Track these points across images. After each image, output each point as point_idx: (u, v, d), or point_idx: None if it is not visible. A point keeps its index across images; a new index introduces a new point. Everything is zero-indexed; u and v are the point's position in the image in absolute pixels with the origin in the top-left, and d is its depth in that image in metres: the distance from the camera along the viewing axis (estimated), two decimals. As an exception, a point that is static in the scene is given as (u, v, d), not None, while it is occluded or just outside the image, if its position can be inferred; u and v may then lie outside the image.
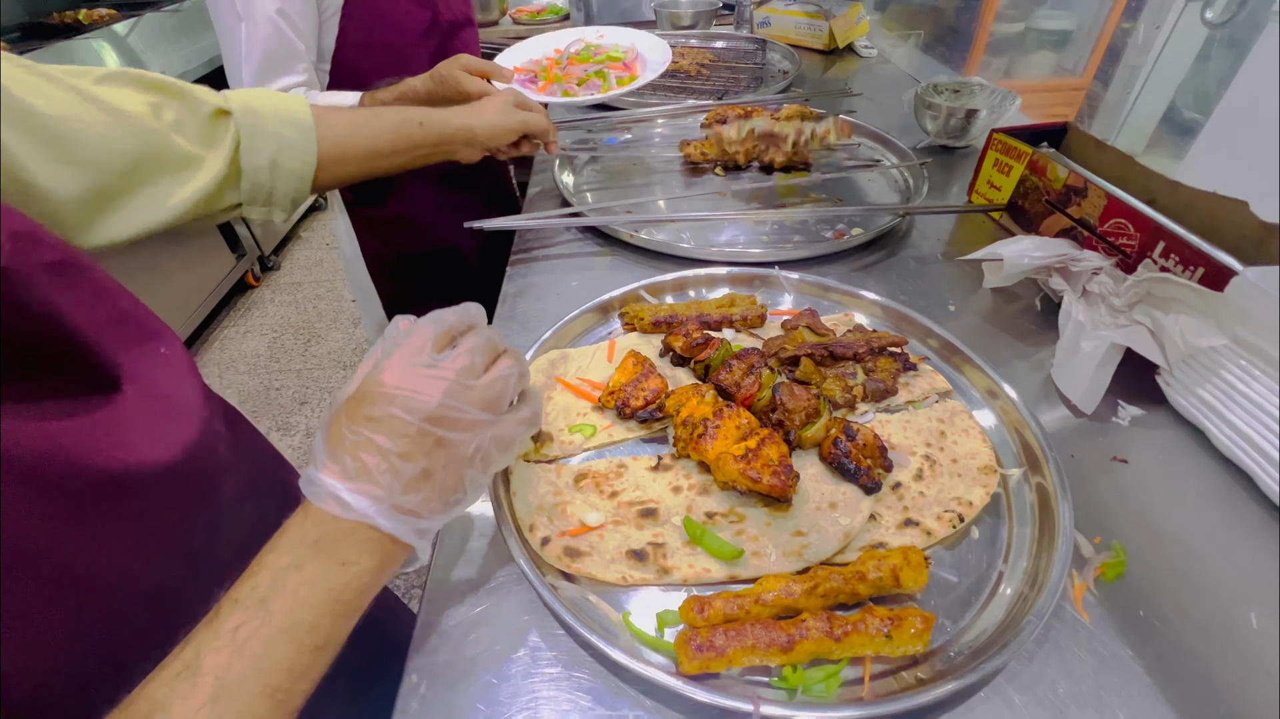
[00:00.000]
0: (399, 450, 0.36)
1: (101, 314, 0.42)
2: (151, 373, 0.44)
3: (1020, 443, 0.60)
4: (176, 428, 0.43)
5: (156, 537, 0.41)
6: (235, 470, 0.50)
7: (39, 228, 0.39)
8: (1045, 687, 0.44)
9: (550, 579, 0.48)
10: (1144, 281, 0.66)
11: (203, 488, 0.45)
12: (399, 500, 0.36)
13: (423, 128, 0.76)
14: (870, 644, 0.44)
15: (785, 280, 0.80)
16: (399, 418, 0.37)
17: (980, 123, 1.18)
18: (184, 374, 0.47)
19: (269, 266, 3.06)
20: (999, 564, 0.52)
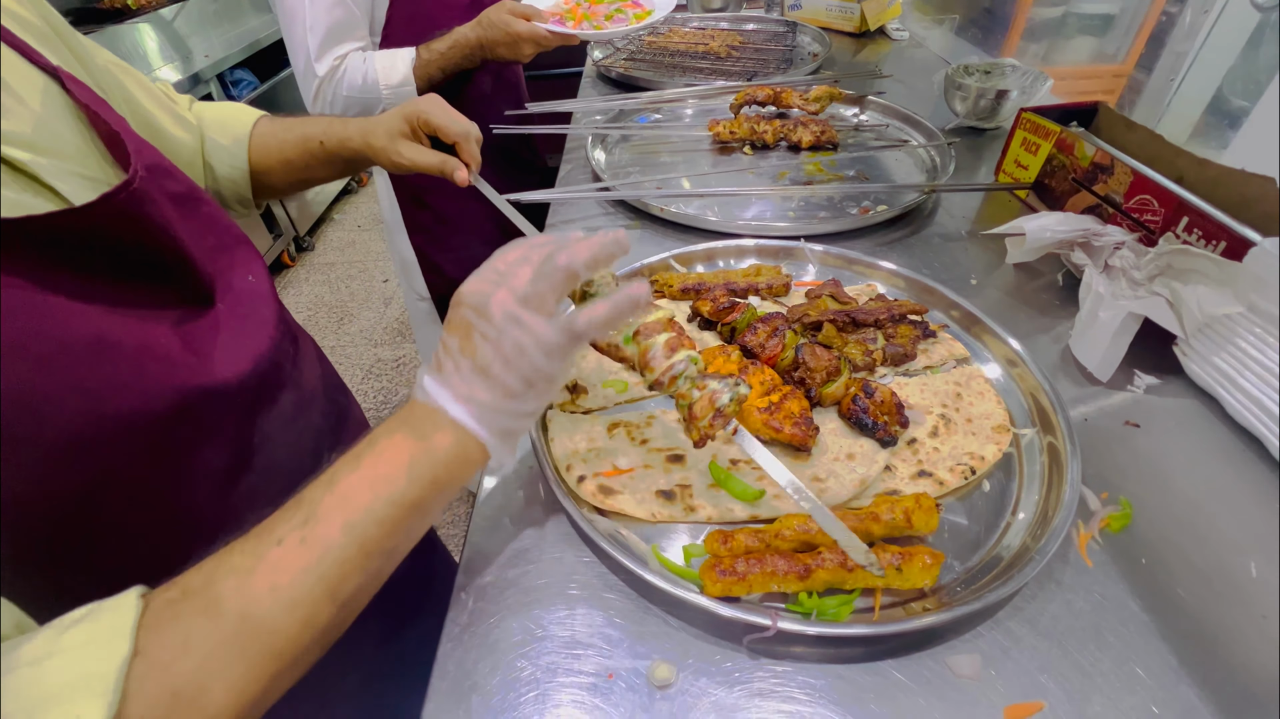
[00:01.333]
0: (456, 345, 0.41)
1: (210, 240, 0.50)
2: (239, 294, 0.52)
3: (1035, 406, 0.63)
4: (250, 345, 0.51)
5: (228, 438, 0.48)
6: (297, 385, 0.57)
7: (171, 165, 0.49)
8: (1047, 621, 0.47)
9: (586, 513, 0.53)
10: (1165, 254, 0.68)
11: (262, 399, 0.52)
12: (460, 389, 0.40)
13: (323, 146, 0.74)
14: (881, 576, 0.47)
15: (810, 252, 0.83)
16: (457, 315, 0.42)
17: (1010, 104, 1.19)
18: (264, 299, 0.56)
19: (304, 247, 3.15)
20: (1007, 515, 0.54)
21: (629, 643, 0.47)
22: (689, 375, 0.50)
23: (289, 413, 0.56)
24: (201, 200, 0.52)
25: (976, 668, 0.44)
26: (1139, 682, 0.44)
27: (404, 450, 0.39)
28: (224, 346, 0.48)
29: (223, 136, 0.71)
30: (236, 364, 0.49)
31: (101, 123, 0.44)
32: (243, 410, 0.50)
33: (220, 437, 0.48)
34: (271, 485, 0.53)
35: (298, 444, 0.58)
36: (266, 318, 0.55)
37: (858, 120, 1.29)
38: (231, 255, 0.54)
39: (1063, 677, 0.44)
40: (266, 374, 0.52)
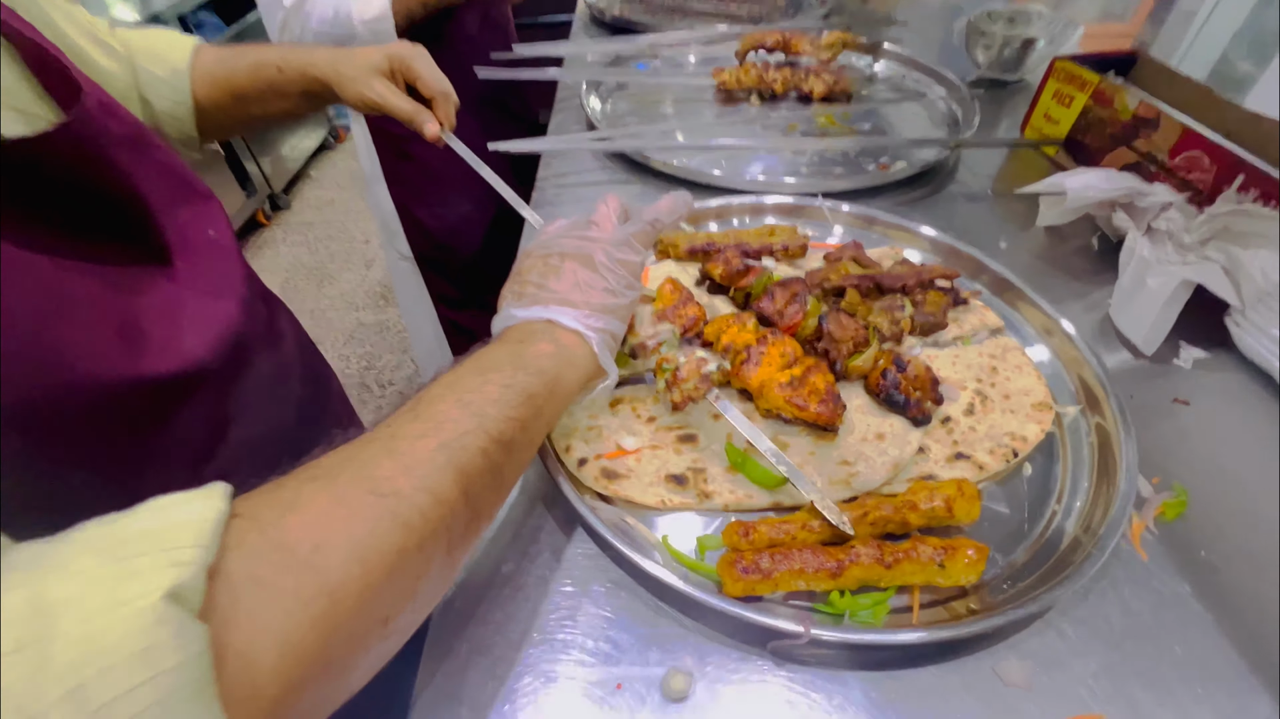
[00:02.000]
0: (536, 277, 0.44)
1: (164, 190, 0.44)
2: (200, 251, 0.46)
3: (1079, 381, 0.57)
4: (219, 309, 0.45)
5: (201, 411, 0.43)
6: (274, 350, 0.52)
7: (116, 104, 0.42)
8: (1100, 621, 0.43)
9: (589, 499, 0.47)
10: (1221, 215, 0.62)
11: (239, 363, 0.47)
12: (554, 297, 0.42)
13: (281, 74, 0.64)
14: (922, 573, 0.42)
15: (829, 211, 0.76)
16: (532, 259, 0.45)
17: (1036, 54, 1.11)
18: (228, 256, 0.49)
19: (280, 206, 3.00)
20: (1052, 502, 0.50)
21: (639, 648, 0.41)
22: (672, 344, 0.52)
23: (267, 381, 0.51)
24: (152, 143, 0.45)
25: (1028, 676, 0.40)
26: (1207, 691, 0.39)
27: (505, 351, 0.39)
28: (189, 312, 0.43)
29: (158, 67, 0.61)
30: (204, 331, 0.43)
31: (33, 49, 0.37)
32: (216, 381, 0.44)
33: (192, 410, 0.43)
34: (251, 461, 0.48)
35: (279, 415, 0.53)
36: (233, 277, 0.49)
37: (872, 70, 1.20)
38: (190, 207, 0.47)
39: (1121, 684, 0.40)
40: (239, 340, 0.46)
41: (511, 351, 0.39)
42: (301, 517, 0.27)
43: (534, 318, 0.41)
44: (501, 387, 0.36)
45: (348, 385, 2.17)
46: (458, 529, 0.33)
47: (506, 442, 0.35)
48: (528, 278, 0.44)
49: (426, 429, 0.33)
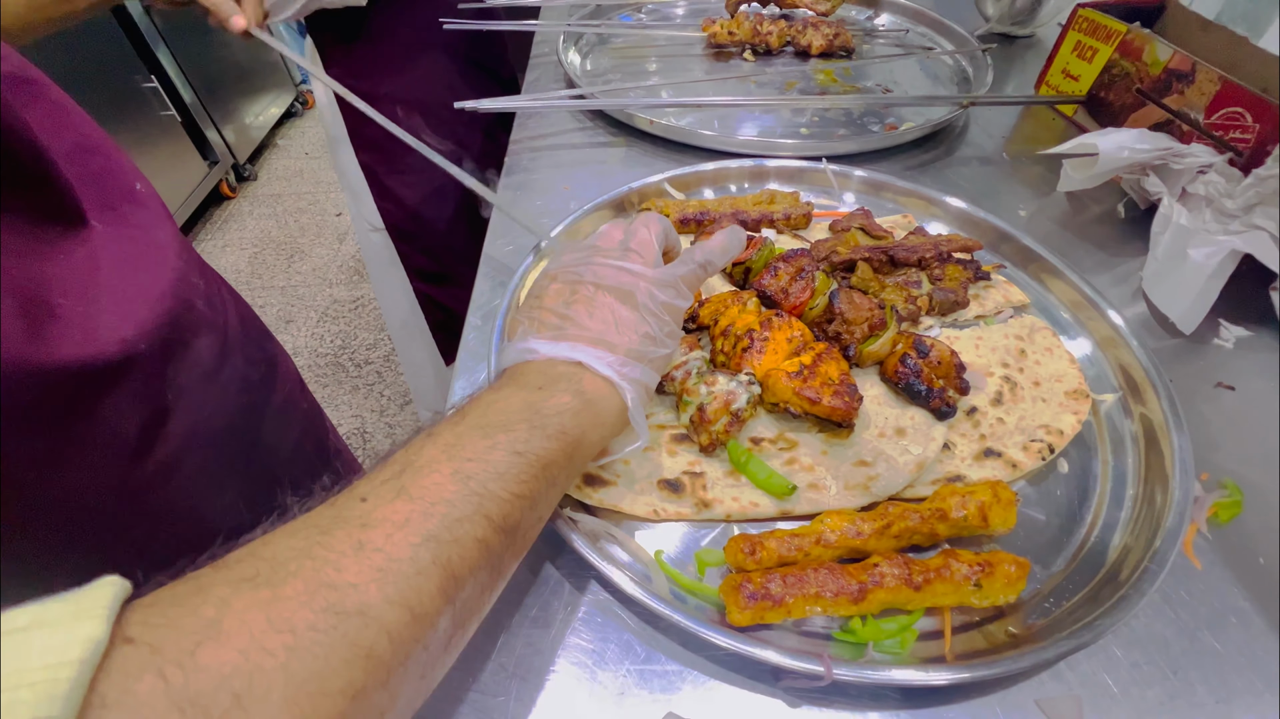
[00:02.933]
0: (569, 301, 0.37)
1: (66, 139, 0.38)
2: (123, 211, 0.40)
3: (1116, 365, 0.51)
4: (149, 279, 0.39)
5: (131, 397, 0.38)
6: (214, 327, 0.45)
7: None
8: (1154, 643, 0.37)
9: (570, 512, 0.40)
10: (1271, 178, 0.55)
11: (175, 342, 0.41)
12: (584, 334, 0.35)
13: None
14: (956, 594, 0.37)
15: (835, 175, 0.69)
16: (559, 284, 0.38)
17: (1051, 4, 1.03)
18: (159, 215, 0.43)
19: (245, 176, 2.85)
20: (1092, 503, 0.44)
21: (629, 687, 0.35)
22: (702, 373, 0.46)
23: (209, 361, 0.45)
24: (39, 83, 0.38)
25: (1078, 712, 0.34)
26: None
27: (519, 401, 0.32)
28: (110, 285, 0.37)
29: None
30: (130, 309, 0.37)
31: None
32: (147, 366, 0.39)
33: (121, 400, 0.38)
34: (196, 452, 0.43)
35: (223, 400, 0.47)
36: (164, 241, 0.42)
37: (873, 24, 1.12)
38: (103, 158, 0.41)
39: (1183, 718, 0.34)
40: (175, 315, 0.40)
41: (527, 403, 0.32)
42: (222, 650, 0.19)
43: (559, 357, 0.35)
44: (511, 453, 0.29)
45: (322, 365, 2.08)
46: (436, 647, 0.26)
47: (511, 527, 0.29)
48: (552, 305, 0.37)
49: (411, 513, 0.26)
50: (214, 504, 0.46)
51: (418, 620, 0.24)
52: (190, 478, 0.43)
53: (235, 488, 0.48)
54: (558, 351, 0.35)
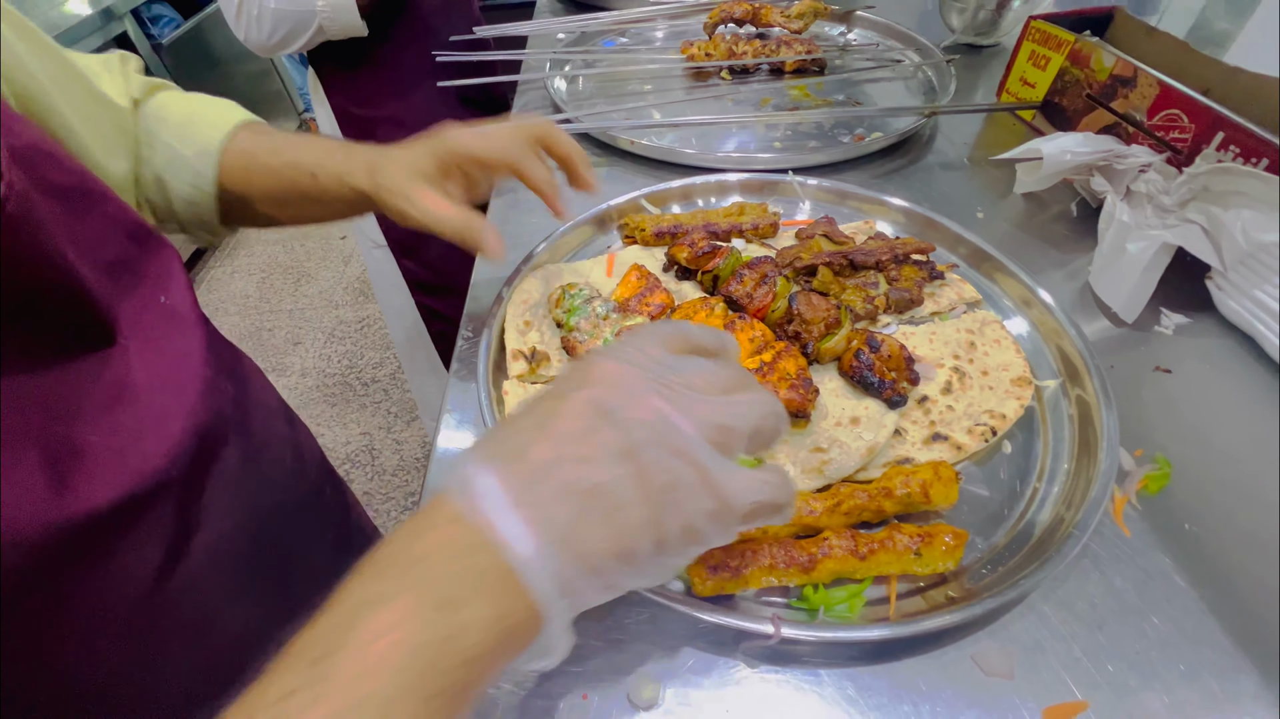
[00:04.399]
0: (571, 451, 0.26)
1: (108, 253, 0.36)
2: (150, 326, 0.38)
3: (1058, 353, 0.55)
4: (178, 397, 0.37)
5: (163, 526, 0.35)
6: (242, 432, 0.44)
7: (56, 148, 0.34)
8: (1083, 602, 0.41)
9: (550, 501, 0.45)
10: (1201, 175, 0.60)
11: (203, 459, 0.38)
12: (561, 532, 0.24)
13: (315, 180, 0.52)
14: (898, 563, 0.41)
15: (800, 186, 0.73)
16: (592, 409, 0.27)
17: (1012, 15, 1.07)
18: (187, 325, 0.40)
19: (252, 204, 2.93)
20: (1033, 480, 0.48)
21: (606, 654, 0.39)
22: None
23: (234, 471, 0.42)
24: (97, 195, 0.37)
25: (1009, 664, 0.38)
26: (1193, 669, 0.38)
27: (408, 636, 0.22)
28: (141, 406, 0.35)
29: (184, 144, 0.51)
30: (162, 428, 0.35)
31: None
32: (176, 491, 0.36)
33: (146, 530, 0.35)
34: (222, 564, 0.41)
35: (246, 506, 0.44)
36: (193, 354, 0.40)
37: (845, 39, 1.17)
38: (138, 270, 0.39)
39: (1106, 668, 0.38)
40: (204, 429, 0.38)
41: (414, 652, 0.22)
42: None
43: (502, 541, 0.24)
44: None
45: (330, 384, 2.14)
46: None
47: None
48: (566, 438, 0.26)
49: None
50: (234, 610, 0.43)
51: None
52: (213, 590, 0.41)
53: (256, 590, 0.45)
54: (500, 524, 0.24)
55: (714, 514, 0.27)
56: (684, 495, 0.26)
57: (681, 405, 0.27)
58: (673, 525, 0.26)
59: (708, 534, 0.27)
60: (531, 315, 0.58)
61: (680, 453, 0.26)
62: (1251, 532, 0.44)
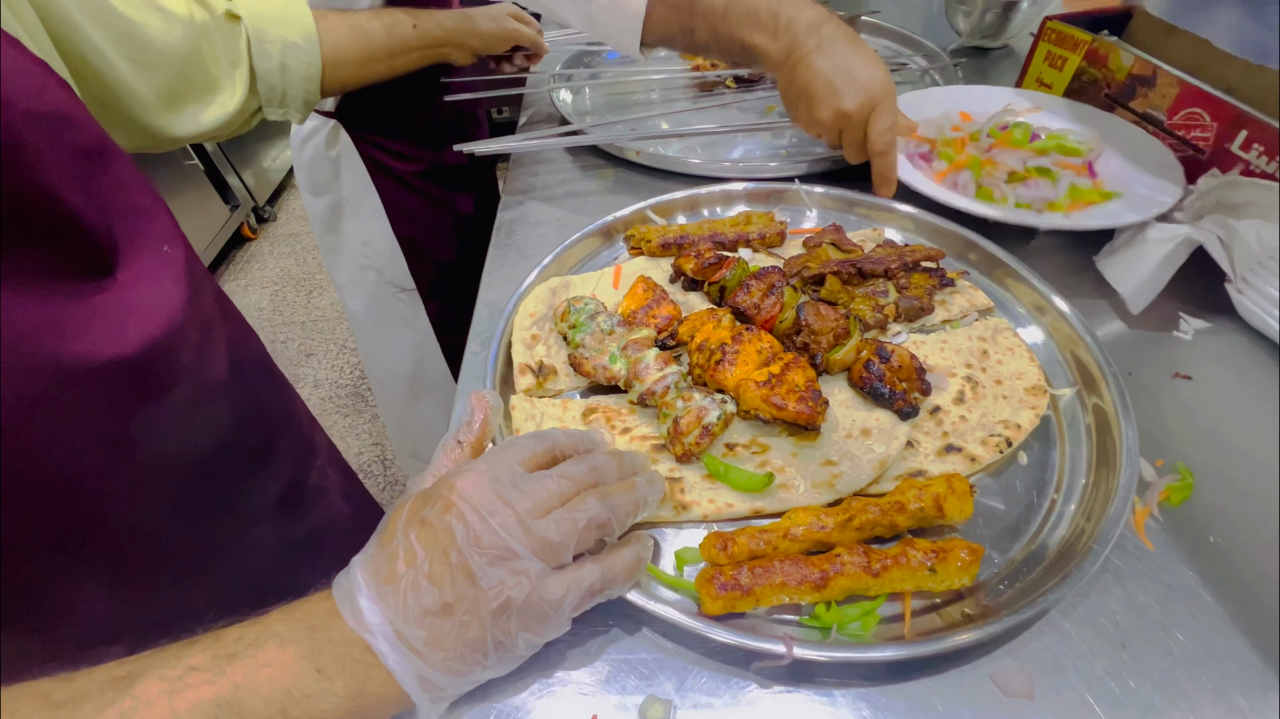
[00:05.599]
0: (429, 570, 0.32)
1: (120, 203, 0.42)
2: (145, 268, 0.43)
3: (1074, 361, 0.54)
4: (141, 326, 0.42)
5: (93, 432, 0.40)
6: (196, 376, 0.48)
7: (78, 114, 0.39)
8: (1105, 619, 0.40)
9: (558, 518, 0.44)
10: (1214, 190, 0.59)
11: (148, 390, 0.43)
12: (405, 629, 0.31)
13: (416, 30, 0.76)
14: (912, 579, 0.40)
15: (806, 195, 0.73)
16: (446, 531, 0.33)
17: (1020, 17, 1.06)
18: (176, 276, 0.46)
19: (265, 218, 2.98)
20: (1050, 492, 0.47)
21: (616, 675, 0.39)
22: (679, 388, 0.50)
23: (182, 406, 0.47)
24: (113, 157, 0.42)
25: (1029, 685, 0.37)
26: (1220, 688, 0.37)
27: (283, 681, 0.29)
28: (108, 323, 0.40)
29: (294, 33, 0.66)
30: (117, 344, 0.40)
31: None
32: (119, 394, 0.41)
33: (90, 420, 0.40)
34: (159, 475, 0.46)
35: (192, 438, 0.49)
36: (171, 296, 0.46)
37: (851, 44, 1.16)
38: (148, 222, 0.45)
39: (1129, 687, 0.37)
40: (155, 360, 0.43)
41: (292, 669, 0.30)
42: None
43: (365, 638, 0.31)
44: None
45: (340, 395, 2.16)
46: None
47: None
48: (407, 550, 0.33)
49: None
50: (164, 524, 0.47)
51: None
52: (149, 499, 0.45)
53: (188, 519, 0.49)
54: (369, 626, 0.31)
55: (542, 618, 0.33)
56: (516, 610, 0.32)
57: (519, 528, 0.33)
58: (509, 632, 0.32)
59: (543, 633, 0.34)
60: (538, 329, 0.58)
61: (516, 572, 0.32)
62: (1276, 543, 0.43)
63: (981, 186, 0.70)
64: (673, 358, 0.53)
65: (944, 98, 0.84)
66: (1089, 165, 0.72)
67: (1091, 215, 0.65)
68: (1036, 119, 0.80)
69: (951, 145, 0.76)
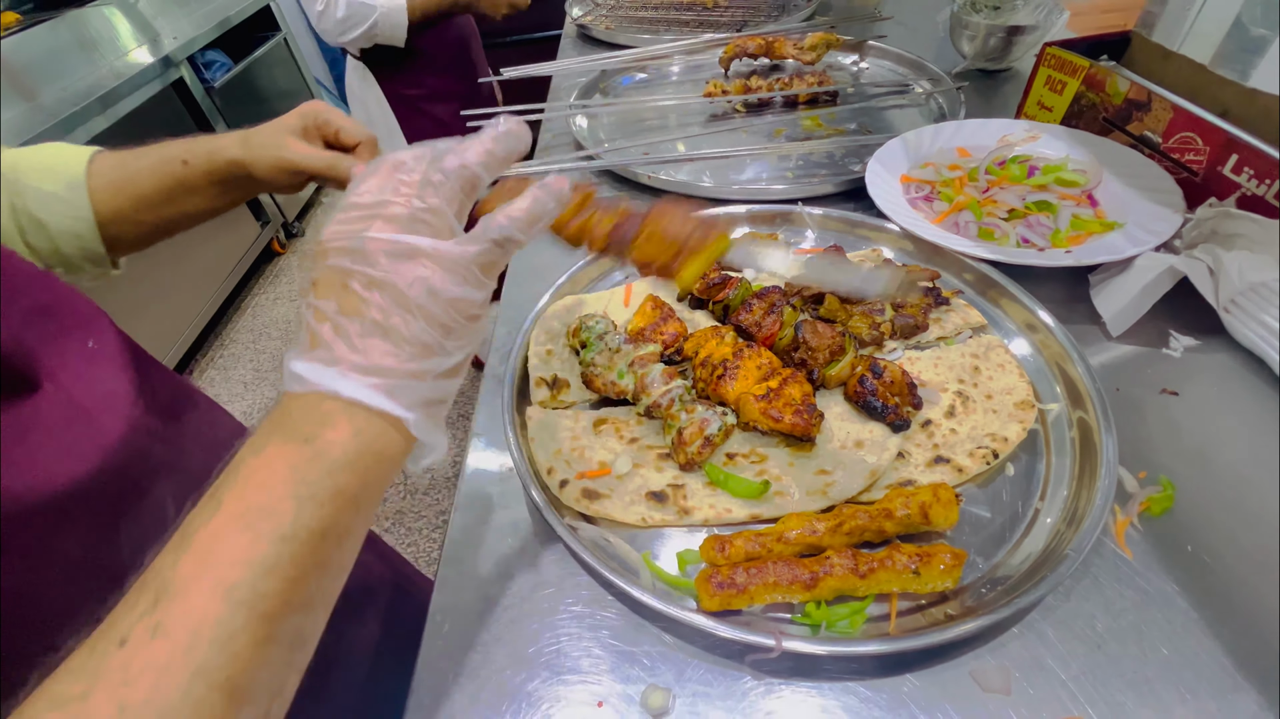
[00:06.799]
0: (334, 308, 0.31)
1: (20, 306, 0.38)
2: (75, 370, 0.40)
3: (1062, 377, 0.57)
4: (93, 433, 0.39)
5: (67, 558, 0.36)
6: (176, 469, 0.45)
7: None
8: (1083, 622, 0.42)
9: (570, 521, 0.48)
10: (1209, 220, 0.61)
11: (125, 497, 0.40)
12: (353, 359, 0.30)
13: (187, 166, 0.57)
14: (897, 580, 0.43)
15: (808, 217, 0.76)
16: (331, 268, 0.31)
17: (1023, 41, 1.09)
18: (116, 368, 0.42)
19: (293, 233, 3.09)
20: (1035, 501, 0.49)
21: (620, 666, 0.42)
22: (683, 400, 0.53)
23: (167, 505, 0.44)
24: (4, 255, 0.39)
25: (1007, 681, 0.40)
26: (1191, 690, 0.39)
27: (283, 468, 0.28)
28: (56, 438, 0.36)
29: (51, 183, 0.55)
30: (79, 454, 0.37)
31: None
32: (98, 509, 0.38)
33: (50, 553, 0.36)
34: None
35: None
36: (116, 393, 0.42)
37: (858, 69, 1.20)
38: (58, 316, 0.41)
39: (1103, 686, 0.39)
40: (123, 466, 0.40)
41: (292, 468, 0.28)
42: None
43: (325, 390, 0.30)
44: (278, 541, 0.27)
45: (365, 406, 2.22)
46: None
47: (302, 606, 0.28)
48: (323, 305, 0.31)
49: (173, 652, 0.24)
50: None
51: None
52: None
53: None
54: (323, 383, 0.30)
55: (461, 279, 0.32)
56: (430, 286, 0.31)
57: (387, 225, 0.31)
58: (439, 311, 0.31)
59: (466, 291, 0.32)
60: (553, 344, 0.62)
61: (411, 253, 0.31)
62: (1253, 552, 0.45)
63: (983, 228, 0.72)
64: (678, 372, 0.57)
65: (938, 135, 0.87)
66: (1089, 195, 0.75)
67: (1092, 250, 0.66)
68: (1035, 147, 0.82)
69: (950, 185, 0.79)
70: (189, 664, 0.24)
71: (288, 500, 0.28)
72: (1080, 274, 0.67)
